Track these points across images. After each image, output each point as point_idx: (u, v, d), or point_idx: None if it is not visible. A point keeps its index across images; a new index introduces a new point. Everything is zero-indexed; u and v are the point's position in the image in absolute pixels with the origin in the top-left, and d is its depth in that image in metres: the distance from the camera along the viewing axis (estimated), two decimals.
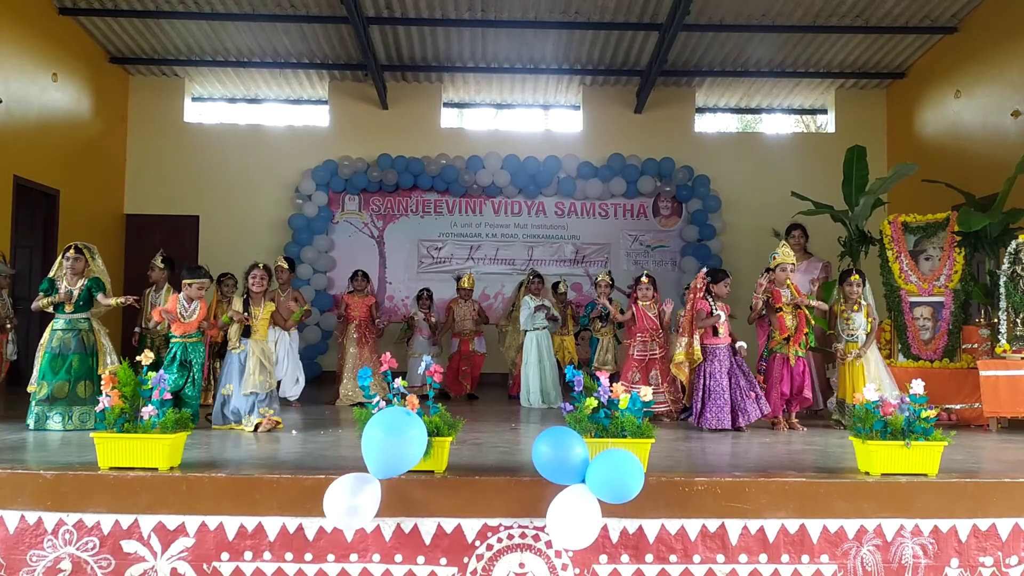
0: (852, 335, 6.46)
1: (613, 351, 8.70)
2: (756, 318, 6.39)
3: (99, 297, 6.06)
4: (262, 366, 5.97)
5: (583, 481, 3.68)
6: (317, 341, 10.69)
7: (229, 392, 5.95)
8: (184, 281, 5.92)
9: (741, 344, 6.37)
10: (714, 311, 6.26)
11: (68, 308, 6.00)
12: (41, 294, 6.03)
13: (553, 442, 3.73)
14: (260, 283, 6.07)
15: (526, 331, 8.37)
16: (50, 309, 6.06)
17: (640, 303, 7.18)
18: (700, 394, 6.19)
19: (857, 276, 6.53)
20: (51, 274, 6.10)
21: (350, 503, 3.55)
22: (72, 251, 6.04)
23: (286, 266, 7.83)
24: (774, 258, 6.36)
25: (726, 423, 6.03)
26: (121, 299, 6.13)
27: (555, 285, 9.35)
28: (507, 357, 9.00)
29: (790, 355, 6.17)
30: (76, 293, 6.01)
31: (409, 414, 3.81)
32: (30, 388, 5.95)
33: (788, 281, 6.30)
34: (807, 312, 6.27)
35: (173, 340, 5.89)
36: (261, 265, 6.18)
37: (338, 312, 8.60)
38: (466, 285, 9.08)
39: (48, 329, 6.07)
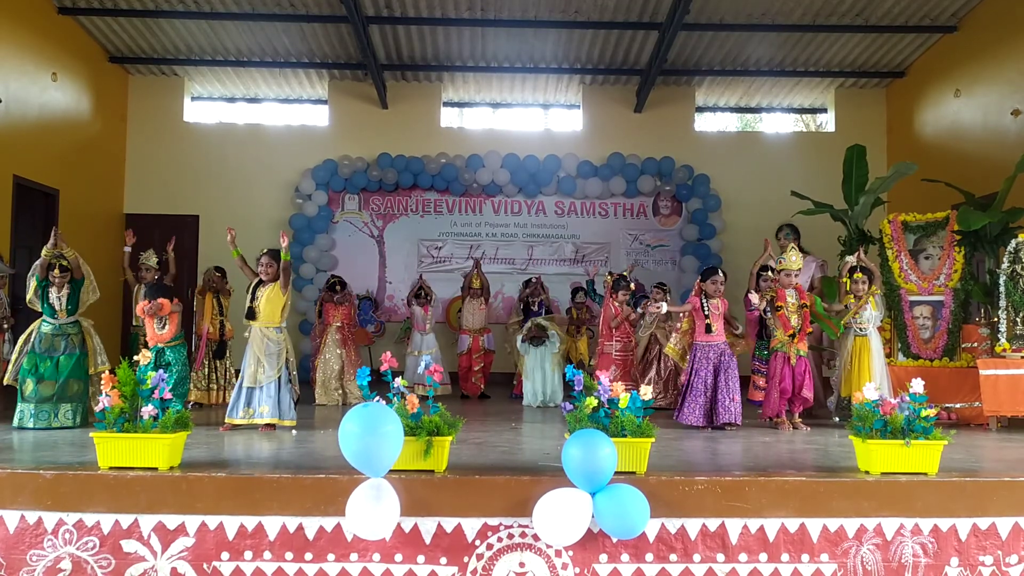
0: (862, 329, 6.51)
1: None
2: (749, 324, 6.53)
3: (82, 292, 6.15)
4: (256, 358, 5.88)
5: (595, 494, 3.70)
6: None
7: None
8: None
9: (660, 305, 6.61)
10: (705, 308, 6.30)
11: (61, 316, 6.06)
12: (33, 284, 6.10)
13: (585, 447, 3.74)
14: (266, 271, 6.03)
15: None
16: (38, 307, 6.10)
17: (618, 303, 7.28)
18: (684, 389, 6.29)
19: (861, 274, 6.56)
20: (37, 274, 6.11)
21: (374, 514, 3.57)
22: (58, 271, 6.06)
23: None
24: (780, 262, 6.41)
25: (695, 421, 6.08)
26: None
27: (574, 292, 9.50)
28: (514, 356, 9.04)
29: (791, 354, 6.18)
30: (65, 301, 6.08)
31: (377, 407, 3.78)
32: (7, 381, 6.02)
33: (796, 284, 6.37)
34: (813, 312, 6.33)
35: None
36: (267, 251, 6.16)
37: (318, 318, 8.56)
38: (476, 284, 9.08)
39: (35, 328, 6.10)
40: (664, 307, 6.61)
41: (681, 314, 7.19)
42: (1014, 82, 8.61)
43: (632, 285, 7.34)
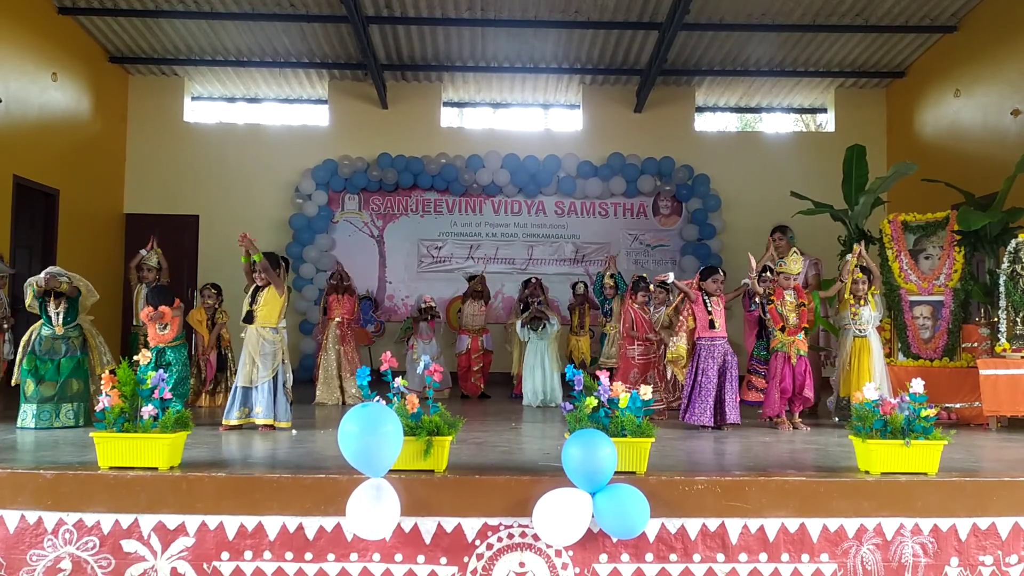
0: (861, 330, 6.52)
1: (618, 346, 8.74)
2: (737, 296, 6.74)
3: (81, 300, 6.17)
4: (251, 358, 5.89)
5: (595, 494, 3.70)
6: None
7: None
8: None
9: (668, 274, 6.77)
10: (707, 304, 6.30)
11: (59, 330, 6.05)
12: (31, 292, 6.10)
13: (585, 447, 3.74)
14: (260, 276, 6.06)
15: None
16: (37, 311, 6.11)
17: (638, 306, 7.24)
18: (689, 389, 6.25)
19: (861, 274, 6.57)
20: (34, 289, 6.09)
21: (374, 514, 3.57)
22: (52, 297, 6.06)
23: None
24: (780, 266, 6.43)
25: (707, 420, 6.07)
26: None
27: (574, 285, 9.43)
28: (513, 356, 9.03)
29: (792, 354, 6.18)
30: (63, 316, 6.07)
31: (376, 407, 3.78)
32: (14, 381, 6.02)
33: (794, 284, 6.39)
34: (809, 310, 6.33)
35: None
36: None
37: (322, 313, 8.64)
38: (478, 287, 9.08)
39: (35, 331, 6.09)
40: (671, 276, 6.67)
41: (684, 313, 7.17)
42: (1014, 82, 8.61)
43: (651, 287, 7.32)
